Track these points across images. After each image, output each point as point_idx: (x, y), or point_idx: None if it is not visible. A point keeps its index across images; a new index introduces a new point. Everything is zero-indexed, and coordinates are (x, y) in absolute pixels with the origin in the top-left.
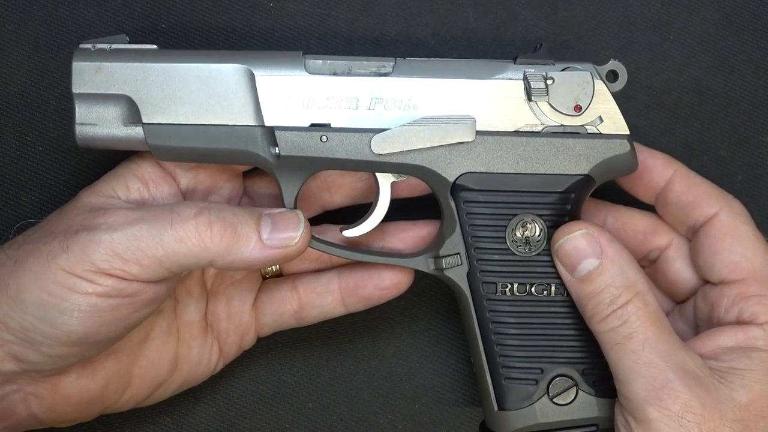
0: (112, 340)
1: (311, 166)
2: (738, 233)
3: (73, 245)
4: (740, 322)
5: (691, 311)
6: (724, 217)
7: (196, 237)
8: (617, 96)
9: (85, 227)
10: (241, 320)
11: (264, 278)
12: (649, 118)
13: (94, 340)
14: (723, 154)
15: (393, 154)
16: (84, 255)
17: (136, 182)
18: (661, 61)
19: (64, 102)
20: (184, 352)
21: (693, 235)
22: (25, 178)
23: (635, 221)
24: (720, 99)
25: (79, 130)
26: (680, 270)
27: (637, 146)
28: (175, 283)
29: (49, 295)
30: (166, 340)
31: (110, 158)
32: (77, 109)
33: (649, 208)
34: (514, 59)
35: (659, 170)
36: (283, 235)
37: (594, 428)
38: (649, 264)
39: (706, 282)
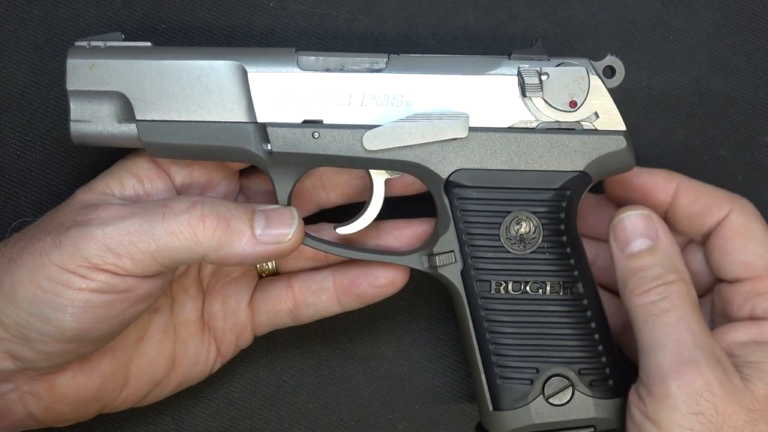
0: (108, 337)
1: (304, 162)
2: (748, 232)
3: (65, 241)
4: (753, 318)
5: (707, 306)
6: (734, 218)
7: (189, 231)
8: (615, 93)
9: (78, 223)
10: (237, 319)
11: (260, 277)
12: (649, 118)
13: (88, 336)
14: (723, 154)
15: (385, 150)
16: (76, 250)
17: (130, 179)
18: (661, 61)
19: (64, 102)
20: (181, 350)
21: (706, 239)
22: (26, 178)
23: None
24: (720, 99)
25: (74, 127)
26: (698, 265)
27: (637, 169)
28: (170, 279)
29: (43, 291)
30: (162, 339)
31: (110, 158)
32: (72, 106)
33: None
34: (509, 55)
35: (662, 188)
36: (277, 231)
37: (591, 429)
38: None
39: (720, 280)
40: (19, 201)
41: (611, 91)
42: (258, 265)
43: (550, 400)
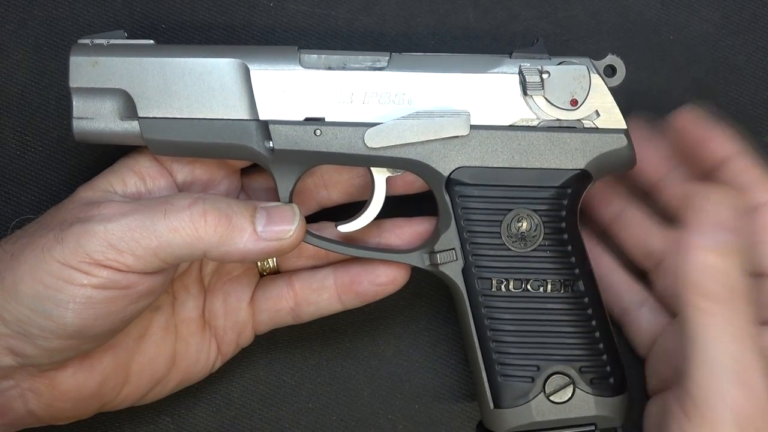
0: (109, 334)
1: (306, 160)
2: None
3: (67, 237)
4: None
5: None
6: None
7: (190, 227)
8: (615, 92)
9: (80, 219)
10: (238, 317)
11: (261, 275)
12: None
13: (90, 333)
14: None
15: (387, 148)
16: (78, 246)
17: (132, 177)
18: (661, 61)
19: (65, 102)
20: (182, 349)
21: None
22: (26, 178)
23: None
24: (720, 99)
25: (77, 124)
26: None
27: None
28: (171, 277)
29: (45, 287)
30: (163, 337)
31: (111, 157)
32: (74, 103)
33: None
34: (510, 54)
35: (719, 145)
36: (278, 228)
37: (592, 428)
38: None
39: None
40: (19, 201)
41: (612, 89)
42: (259, 264)
43: (551, 398)
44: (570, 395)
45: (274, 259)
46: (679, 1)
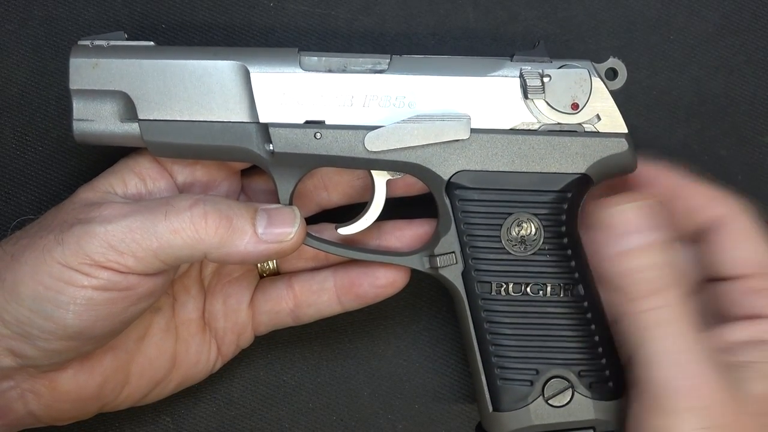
0: (109, 335)
1: (306, 163)
2: (743, 229)
3: (68, 238)
4: (752, 317)
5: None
6: (729, 215)
7: (191, 228)
8: (617, 95)
9: (80, 220)
10: (238, 318)
11: (261, 277)
12: (648, 118)
13: (90, 334)
14: (723, 154)
15: (387, 151)
16: (79, 247)
17: (133, 178)
18: (661, 61)
19: (64, 102)
20: (182, 350)
21: (698, 237)
22: (26, 178)
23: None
24: (720, 99)
25: (77, 126)
26: (685, 263)
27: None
28: (171, 278)
29: (45, 289)
30: (164, 338)
31: (111, 157)
32: (75, 105)
33: None
34: (511, 57)
35: (661, 181)
36: (279, 230)
37: (590, 431)
38: None
39: (713, 279)
40: (18, 201)
41: (613, 93)
42: (259, 265)
43: (550, 402)
44: (569, 399)
45: (274, 260)
46: (679, 1)
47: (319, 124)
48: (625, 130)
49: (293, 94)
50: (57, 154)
